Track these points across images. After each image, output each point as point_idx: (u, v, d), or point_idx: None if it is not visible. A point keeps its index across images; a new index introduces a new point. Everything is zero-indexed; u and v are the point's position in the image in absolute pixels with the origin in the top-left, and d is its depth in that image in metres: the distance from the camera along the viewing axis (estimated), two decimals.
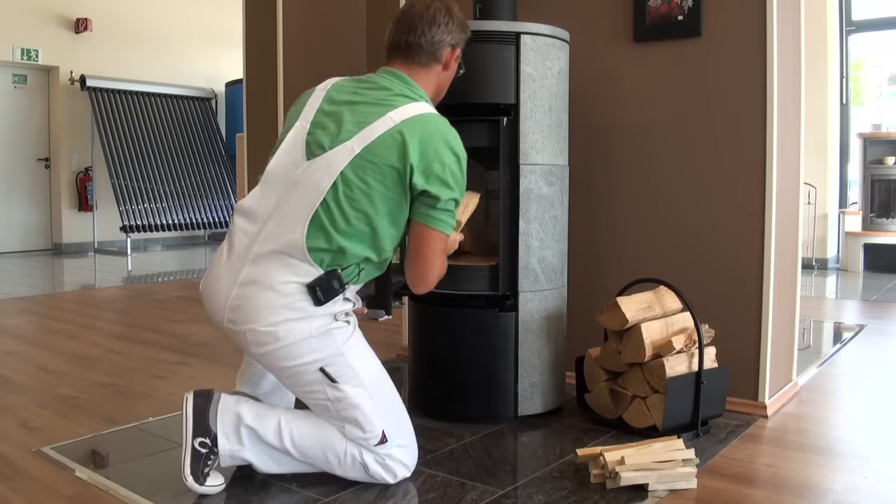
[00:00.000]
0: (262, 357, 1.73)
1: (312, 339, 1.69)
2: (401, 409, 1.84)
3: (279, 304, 1.67)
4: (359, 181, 1.68)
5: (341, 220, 1.68)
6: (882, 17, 6.51)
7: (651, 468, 1.77)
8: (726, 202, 2.38)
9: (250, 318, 1.68)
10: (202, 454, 1.74)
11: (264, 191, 1.75)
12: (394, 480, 1.78)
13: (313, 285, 1.67)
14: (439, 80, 1.91)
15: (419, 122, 1.72)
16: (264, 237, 1.70)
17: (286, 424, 1.77)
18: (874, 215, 6.09)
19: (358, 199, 1.68)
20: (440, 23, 1.84)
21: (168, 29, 8.70)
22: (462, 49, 1.92)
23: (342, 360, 1.72)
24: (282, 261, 1.68)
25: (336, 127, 1.72)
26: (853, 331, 3.72)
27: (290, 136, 1.77)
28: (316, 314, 1.69)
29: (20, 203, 7.87)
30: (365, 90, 1.78)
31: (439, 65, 1.87)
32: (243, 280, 1.69)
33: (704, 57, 2.39)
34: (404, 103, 1.74)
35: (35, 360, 3.15)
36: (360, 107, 1.74)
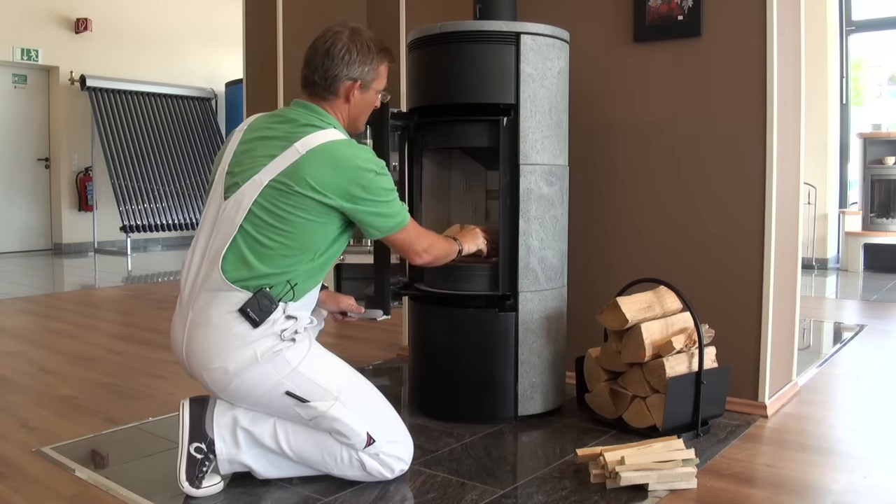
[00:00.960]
0: (228, 396, 1.77)
1: (261, 365, 1.69)
2: (382, 408, 1.84)
3: (219, 338, 1.70)
4: (272, 210, 1.70)
5: (259, 249, 1.70)
6: (882, 17, 6.51)
7: (651, 468, 1.77)
8: (726, 202, 2.38)
9: (201, 361, 1.72)
10: (198, 459, 1.74)
11: (198, 236, 1.80)
12: (392, 475, 1.79)
13: (244, 308, 1.68)
14: (349, 111, 1.89)
15: (324, 150, 1.72)
16: (200, 280, 1.74)
17: (281, 426, 1.77)
18: (874, 215, 6.09)
19: (274, 226, 1.70)
20: (334, 56, 1.84)
21: (168, 29, 8.70)
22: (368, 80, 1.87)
23: (302, 379, 1.72)
24: (213, 297, 1.71)
25: (248, 163, 1.75)
26: (853, 331, 3.72)
27: (215, 181, 1.81)
28: (257, 338, 1.69)
29: (20, 203, 7.87)
30: (275, 124, 1.81)
31: (339, 99, 1.86)
32: (189, 324, 1.74)
33: (704, 57, 2.39)
34: (310, 132, 1.75)
35: (35, 360, 3.15)
36: (270, 141, 1.76)
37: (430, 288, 2.34)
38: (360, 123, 1.97)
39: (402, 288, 2.37)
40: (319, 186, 1.69)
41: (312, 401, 1.72)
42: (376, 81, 1.91)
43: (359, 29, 1.89)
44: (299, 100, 1.87)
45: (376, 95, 1.94)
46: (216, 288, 1.70)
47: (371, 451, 1.76)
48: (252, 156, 1.76)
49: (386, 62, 1.92)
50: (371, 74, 1.88)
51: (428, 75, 2.30)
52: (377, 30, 4.83)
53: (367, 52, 1.86)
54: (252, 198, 1.70)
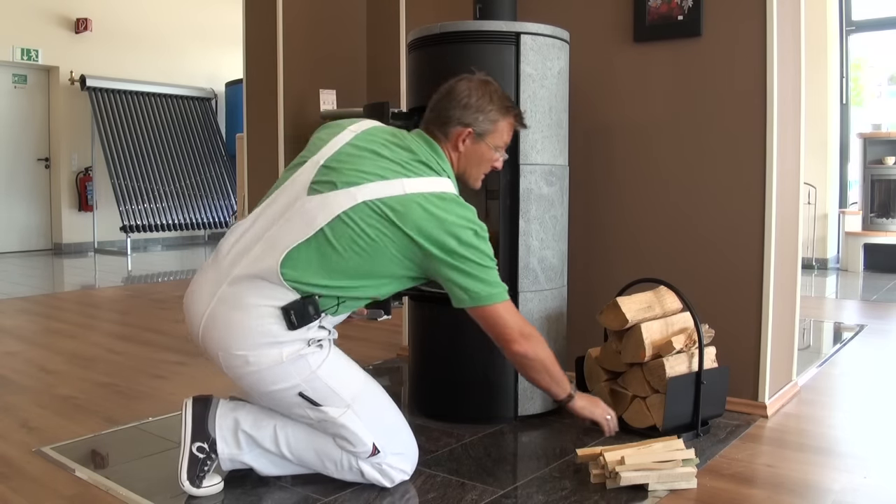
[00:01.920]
0: (239, 381, 1.72)
1: (284, 364, 1.66)
2: (393, 419, 1.82)
3: (249, 327, 1.64)
4: (360, 227, 1.65)
5: (331, 259, 1.66)
6: (882, 17, 6.51)
7: (651, 468, 1.77)
8: (726, 202, 2.38)
9: (222, 340, 1.67)
10: (199, 459, 1.74)
11: (261, 216, 1.74)
12: (391, 485, 1.78)
13: (288, 308, 1.64)
14: (458, 160, 1.84)
15: (429, 198, 1.68)
16: (248, 261, 1.68)
17: (282, 431, 1.76)
18: (874, 215, 6.09)
19: (355, 243, 1.65)
20: (454, 98, 1.81)
21: (168, 29, 8.70)
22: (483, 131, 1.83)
23: (320, 384, 1.70)
24: (257, 284, 1.65)
25: (351, 170, 1.69)
26: (853, 331, 3.72)
27: (302, 169, 1.75)
28: (287, 339, 1.66)
29: (20, 203, 7.87)
30: (393, 146, 1.76)
31: (449, 143, 1.83)
32: (220, 298, 1.67)
33: (704, 57, 2.39)
34: (424, 175, 1.72)
35: (35, 360, 3.15)
36: (382, 161, 1.72)
37: (430, 288, 2.34)
38: (472, 178, 1.90)
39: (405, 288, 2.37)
40: (416, 227, 1.65)
41: (324, 405, 1.70)
42: (492, 135, 1.85)
43: (489, 80, 1.87)
44: (422, 132, 1.84)
45: (492, 151, 1.87)
46: (264, 277, 1.64)
47: (374, 461, 1.75)
48: (358, 165, 1.70)
49: (508, 119, 1.87)
50: (487, 125, 1.83)
51: (428, 75, 2.30)
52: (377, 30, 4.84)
53: (489, 101, 1.83)
54: (343, 208, 1.65)
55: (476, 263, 1.70)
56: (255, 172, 4.54)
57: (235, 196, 8.39)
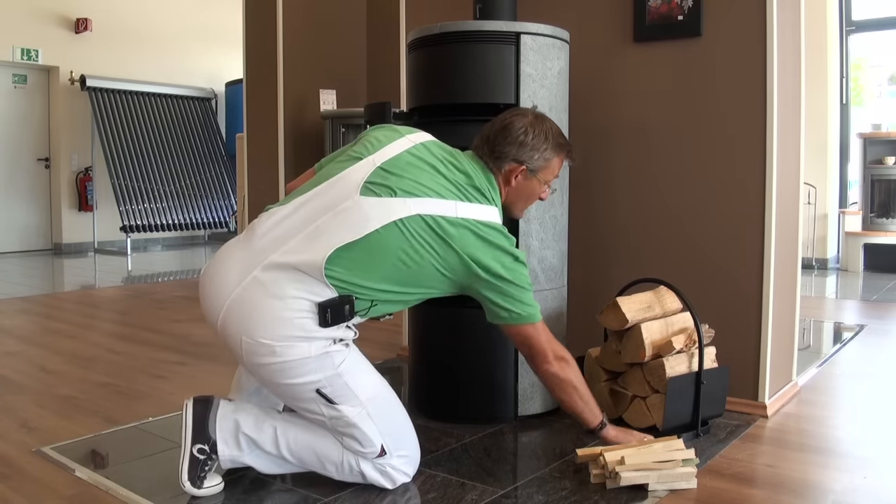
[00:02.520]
0: (257, 369, 1.69)
1: (310, 359, 1.65)
2: (402, 422, 1.82)
3: (282, 317, 1.62)
4: (408, 238, 1.66)
5: (378, 264, 1.66)
6: (882, 17, 6.51)
7: (651, 468, 1.77)
8: (726, 202, 2.38)
9: (249, 325, 1.63)
10: (200, 460, 1.74)
11: (305, 204, 1.70)
12: (392, 487, 1.78)
13: (325, 305, 1.63)
14: (507, 193, 1.88)
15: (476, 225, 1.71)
16: (288, 249, 1.64)
17: (283, 434, 1.76)
18: (874, 215, 6.09)
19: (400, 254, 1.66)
20: (510, 134, 1.84)
21: (168, 29, 8.70)
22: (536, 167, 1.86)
23: (339, 382, 1.69)
24: (296, 276, 1.63)
25: (409, 180, 1.70)
26: (853, 331, 3.72)
27: (357, 165, 1.74)
28: (317, 335, 1.65)
29: (20, 203, 7.87)
30: (450, 165, 1.78)
31: (501, 175, 1.85)
32: (251, 281, 1.63)
33: (704, 57, 2.39)
34: (476, 201, 1.75)
35: (35, 360, 3.15)
36: (439, 178, 1.74)
37: None
38: (518, 209, 1.95)
39: None
40: (466, 250, 1.69)
41: (340, 404, 1.70)
42: (544, 171, 1.89)
43: (544, 117, 1.90)
44: (478, 157, 1.86)
45: (543, 187, 1.91)
46: (304, 270, 1.62)
47: (378, 462, 1.75)
48: (417, 177, 1.71)
49: (561, 156, 1.91)
50: (540, 163, 1.87)
51: (428, 75, 2.30)
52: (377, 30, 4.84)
53: (544, 140, 1.85)
54: (399, 216, 1.65)
55: (517, 286, 1.75)
56: (255, 172, 4.54)
57: (235, 196, 8.38)
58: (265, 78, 4.33)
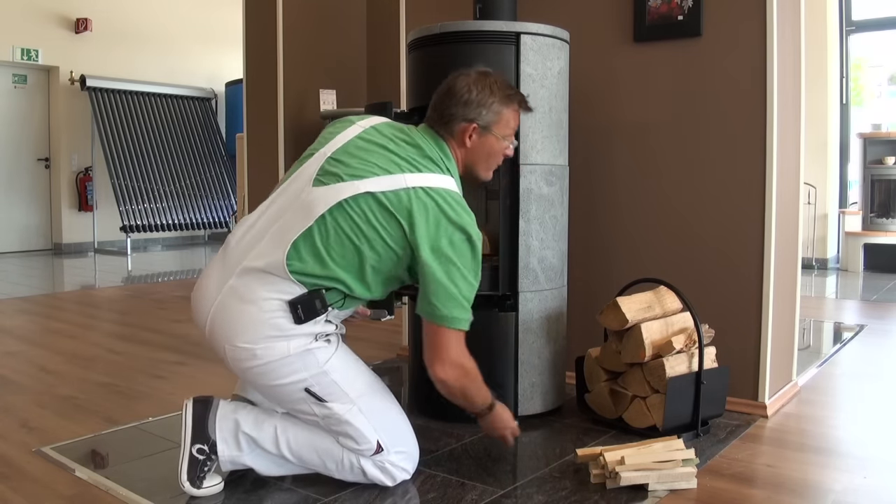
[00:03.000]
0: (245, 374, 1.72)
1: (291, 358, 1.66)
2: (397, 417, 1.82)
3: (258, 320, 1.65)
4: (356, 220, 1.66)
5: (334, 249, 1.66)
6: (882, 17, 6.51)
7: (651, 468, 1.77)
8: (726, 202, 2.38)
9: (229, 333, 1.67)
10: (199, 461, 1.74)
11: (269, 208, 1.74)
12: (392, 484, 1.78)
13: (295, 302, 1.65)
14: (465, 155, 1.84)
15: (435, 194, 1.68)
16: (256, 253, 1.68)
17: (283, 432, 1.76)
18: (874, 215, 6.09)
19: (350, 234, 1.66)
20: (454, 95, 1.81)
21: (168, 29, 8.70)
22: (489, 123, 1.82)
23: (327, 379, 1.70)
24: (264, 278, 1.66)
25: (358, 163, 1.70)
26: (853, 331, 3.72)
27: (309, 161, 1.76)
28: (295, 333, 1.66)
29: (20, 203, 7.87)
30: (401, 141, 1.77)
31: (454, 141, 1.82)
32: (228, 290, 1.68)
33: (704, 57, 2.39)
34: (427, 171, 1.71)
35: (35, 360, 3.15)
36: (389, 154, 1.72)
37: None
38: (482, 170, 1.88)
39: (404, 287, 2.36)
40: (410, 220, 1.65)
41: (330, 402, 1.71)
42: (498, 125, 1.84)
43: (488, 72, 1.86)
44: (430, 127, 1.84)
45: (500, 141, 1.85)
46: (270, 270, 1.65)
47: (377, 460, 1.75)
48: (365, 158, 1.70)
49: (512, 107, 1.86)
50: (491, 117, 1.82)
51: (428, 75, 2.30)
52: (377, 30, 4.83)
53: (490, 94, 1.81)
54: (341, 197, 1.65)
55: (458, 269, 1.67)
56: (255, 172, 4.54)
57: (235, 196, 8.38)
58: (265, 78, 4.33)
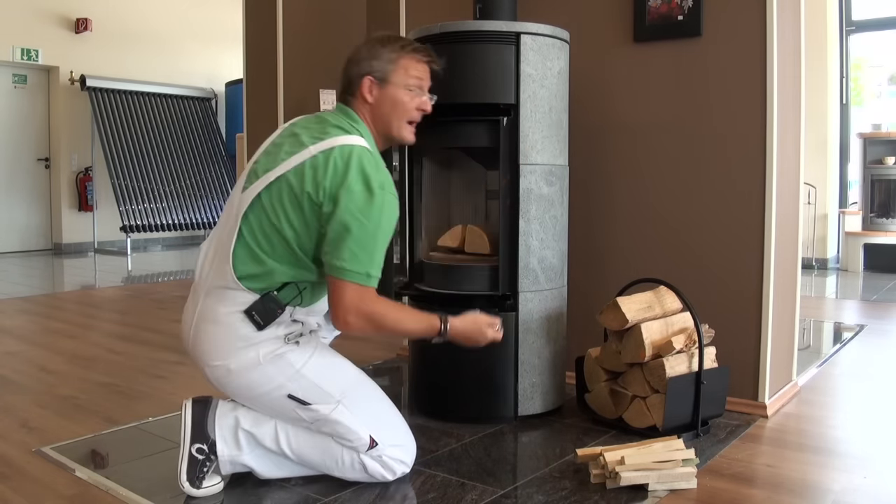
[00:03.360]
0: (227, 390, 1.76)
1: (263, 366, 1.69)
2: (387, 412, 1.83)
3: (223, 336, 1.70)
4: (273, 206, 1.68)
5: (262, 243, 1.69)
6: (882, 17, 6.51)
7: (651, 468, 1.77)
8: (726, 202, 2.38)
9: (204, 355, 1.73)
10: (199, 460, 1.74)
11: (216, 229, 1.80)
12: (393, 477, 1.78)
13: (250, 310, 1.68)
14: (371, 113, 1.83)
15: (336, 151, 1.68)
16: (212, 271, 1.74)
17: (283, 429, 1.77)
18: (874, 215, 6.09)
19: (273, 222, 1.68)
20: (351, 59, 1.84)
21: (168, 29, 8.70)
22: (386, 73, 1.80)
23: (306, 382, 1.72)
24: (222, 295, 1.70)
25: (272, 158, 1.74)
26: (853, 331, 3.72)
27: (240, 179, 1.81)
28: (261, 340, 1.70)
29: (20, 203, 7.86)
30: (310, 123, 1.80)
31: (358, 99, 1.82)
32: (198, 315, 1.74)
33: (704, 57, 2.39)
34: (334, 135, 1.72)
35: (35, 360, 3.15)
36: (297, 138, 1.75)
37: (430, 288, 2.34)
38: (396, 128, 1.84)
39: (403, 288, 2.37)
40: (316, 187, 1.65)
41: (314, 404, 1.71)
42: (396, 74, 1.81)
43: (386, 34, 1.88)
44: (339, 103, 1.87)
45: (404, 91, 1.82)
46: (225, 285, 1.69)
47: (374, 454, 1.75)
48: (278, 151, 1.74)
49: (407, 55, 1.83)
50: (385, 65, 1.81)
51: None
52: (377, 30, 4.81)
53: (381, 46, 1.82)
54: (258, 191, 1.69)
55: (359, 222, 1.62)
56: None
57: None
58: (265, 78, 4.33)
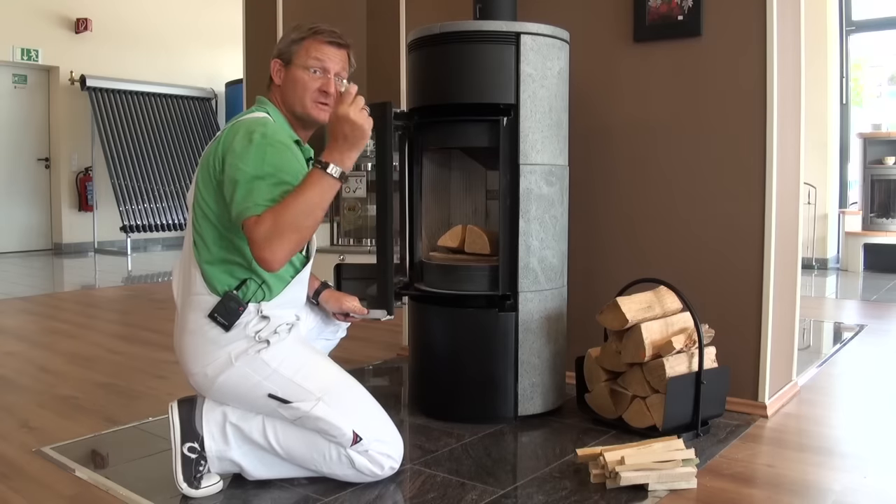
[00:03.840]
0: (210, 396, 1.80)
1: (237, 367, 1.72)
2: (369, 407, 1.82)
3: (196, 343, 1.75)
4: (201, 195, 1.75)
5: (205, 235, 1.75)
6: (882, 17, 6.52)
7: (651, 468, 1.77)
8: (726, 202, 2.38)
9: (185, 365, 1.79)
10: (192, 459, 1.74)
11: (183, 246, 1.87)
12: (382, 472, 1.77)
13: (212, 314, 1.71)
14: (281, 94, 1.88)
15: (231, 125, 1.76)
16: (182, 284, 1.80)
17: (270, 423, 1.77)
18: (874, 215, 6.09)
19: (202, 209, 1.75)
20: None
21: (168, 29, 8.70)
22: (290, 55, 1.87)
23: (283, 380, 1.73)
24: (190, 301, 1.76)
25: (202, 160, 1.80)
26: (853, 331, 3.72)
27: None
28: (229, 341, 1.73)
29: (20, 203, 7.87)
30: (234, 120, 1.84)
31: (272, 83, 1.91)
32: (177, 326, 1.81)
33: (704, 57, 2.39)
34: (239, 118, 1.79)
35: (35, 360, 3.15)
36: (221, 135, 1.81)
37: (430, 288, 2.34)
38: (306, 107, 1.85)
39: (403, 288, 2.37)
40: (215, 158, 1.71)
41: (294, 402, 1.72)
42: (298, 55, 1.86)
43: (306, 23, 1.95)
44: None
45: (305, 72, 1.85)
46: (193, 292, 1.75)
47: (359, 448, 1.74)
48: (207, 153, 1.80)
49: (310, 37, 1.88)
50: (291, 48, 1.88)
51: (428, 75, 2.30)
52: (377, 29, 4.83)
53: (292, 32, 1.91)
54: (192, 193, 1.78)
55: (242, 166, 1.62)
56: None
57: None
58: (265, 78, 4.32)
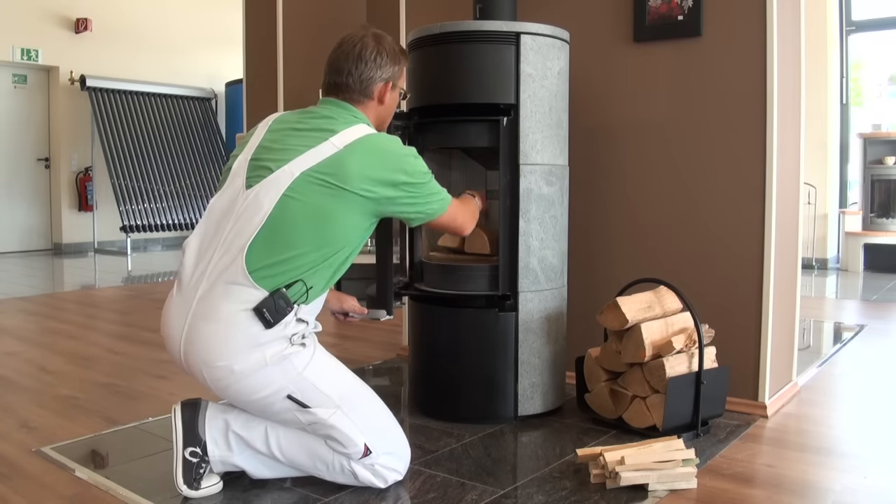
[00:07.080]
0: (226, 392, 1.70)
1: (268, 368, 1.65)
2: (384, 419, 1.81)
3: (228, 335, 1.63)
4: (305, 201, 1.66)
5: (286, 239, 1.66)
6: (882, 17, 6.52)
7: (651, 468, 1.77)
8: (726, 202, 2.38)
9: (204, 356, 1.65)
10: (193, 463, 1.74)
11: (207, 225, 1.73)
12: (384, 486, 1.77)
13: (260, 307, 1.62)
14: (378, 112, 1.90)
15: (363, 142, 1.73)
16: (210, 271, 1.66)
17: (273, 431, 1.76)
18: (874, 215, 6.10)
19: (306, 218, 1.66)
20: (367, 60, 1.86)
21: (168, 29, 8.70)
22: (397, 80, 1.93)
23: (307, 385, 1.69)
24: (227, 290, 1.64)
25: (279, 153, 1.72)
26: (853, 331, 3.72)
27: (233, 170, 1.77)
28: (267, 340, 1.64)
29: (20, 203, 7.87)
30: (308, 119, 1.80)
31: (373, 101, 1.88)
32: (192, 317, 1.66)
33: (704, 57, 2.39)
34: (345, 127, 1.75)
35: (35, 360, 3.15)
36: (302, 132, 1.75)
37: (430, 288, 2.34)
38: (387, 124, 2.00)
39: (403, 288, 2.37)
40: (361, 178, 1.68)
41: (313, 407, 1.70)
42: (401, 80, 1.96)
43: (379, 33, 1.94)
44: (330, 98, 1.88)
45: (399, 96, 1.98)
46: (232, 281, 1.63)
47: (366, 462, 1.74)
48: (284, 145, 1.72)
49: (405, 62, 1.98)
50: (399, 74, 1.94)
51: (428, 75, 2.30)
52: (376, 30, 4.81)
53: (394, 54, 1.91)
54: (285, 186, 1.66)
55: (424, 185, 1.82)
56: None
57: None
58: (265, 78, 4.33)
